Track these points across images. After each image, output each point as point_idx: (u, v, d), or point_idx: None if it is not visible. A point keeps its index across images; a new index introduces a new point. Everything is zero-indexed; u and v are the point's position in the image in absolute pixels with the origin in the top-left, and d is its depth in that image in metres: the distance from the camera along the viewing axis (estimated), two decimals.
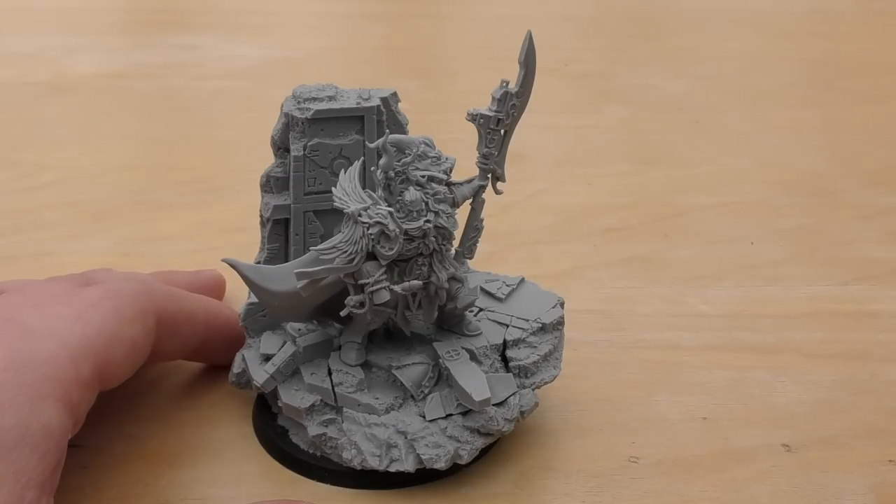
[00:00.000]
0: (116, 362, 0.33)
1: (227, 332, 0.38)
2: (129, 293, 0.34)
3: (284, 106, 0.36)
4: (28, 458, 0.28)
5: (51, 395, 0.29)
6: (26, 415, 0.28)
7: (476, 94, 0.38)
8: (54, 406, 0.29)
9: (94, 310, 0.33)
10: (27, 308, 0.32)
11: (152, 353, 0.35)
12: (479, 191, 0.35)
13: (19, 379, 0.29)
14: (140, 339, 0.34)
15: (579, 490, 0.34)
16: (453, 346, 0.35)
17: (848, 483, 0.35)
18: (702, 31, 0.90)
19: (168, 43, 0.81)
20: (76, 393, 0.30)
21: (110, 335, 0.32)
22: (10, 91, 0.71)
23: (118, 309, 0.33)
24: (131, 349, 0.33)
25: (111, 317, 0.33)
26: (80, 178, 0.57)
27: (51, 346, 0.31)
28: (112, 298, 0.34)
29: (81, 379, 0.31)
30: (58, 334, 0.31)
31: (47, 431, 0.29)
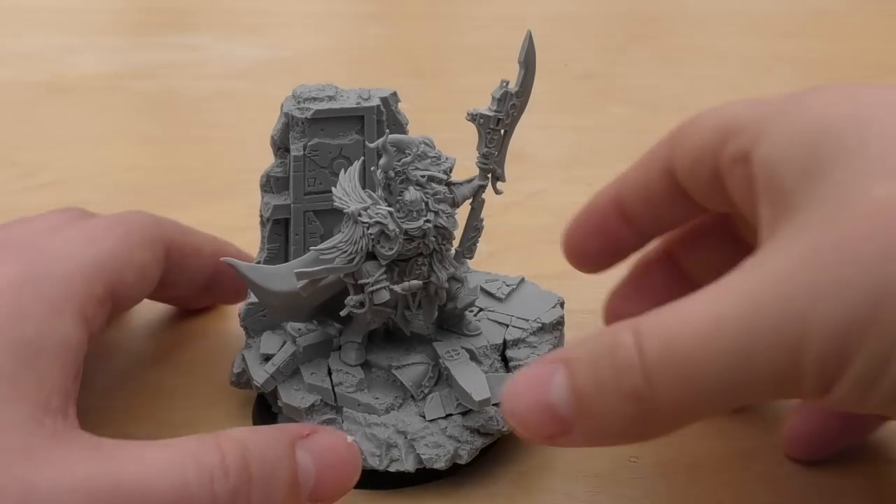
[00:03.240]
0: (127, 284, 0.34)
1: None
2: (137, 221, 0.36)
3: (284, 106, 0.36)
4: (50, 367, 0.29)
5: (67, 309, 0.30)
6: (46, 326, 0.29)
7: (476, 94, 0.38)
8: (71, 319, 0.30)
9: (105, 234, 0.34)
10: (40, 233, 0.33)
11: (163, 284, 0.36)
12: (479, 191, 0.35)
13: (38, 292, 0.30)
14: (149, 265, 0.35)
15: (579, 490, 0.34)
16: (453, 346, 0.35)
17: (848, 483, 0.35)
18: (702, 31, 0.90)
19: (168, 43, 0.81)
20: (91, 309, 0.31)
21: (121, 258, 0.33)
22: (10, 91, 0.71)
23: (128, 234, 0.34)
24: (141, 273, 0.34)
25: (121, 241, 0.34)
26: (80, 178, 0.57)
27: (65, 265, 0.32)
28: (122, 225, 0.35)
29: (95, 296, 0.32)
30: (71, 255, 0.32)
31: (66, 342, 0.30)
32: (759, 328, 0.24)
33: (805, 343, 0.24)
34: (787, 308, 0.24)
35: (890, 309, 0.23)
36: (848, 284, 0.24)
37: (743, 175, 0.29)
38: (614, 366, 0.26)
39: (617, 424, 0.26)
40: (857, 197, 0.25)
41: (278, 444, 0.29)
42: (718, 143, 0.31)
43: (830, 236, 0.24)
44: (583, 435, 0.27)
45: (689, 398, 0.25)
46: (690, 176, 0.33)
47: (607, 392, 0.26)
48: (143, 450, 0.28)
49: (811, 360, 0.24)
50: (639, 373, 0.25)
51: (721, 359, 0.25)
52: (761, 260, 0.26)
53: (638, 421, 0.26)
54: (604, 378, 0.26)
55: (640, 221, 0.36)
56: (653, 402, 0.26)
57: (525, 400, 0.27)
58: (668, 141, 0.34)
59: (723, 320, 0.25)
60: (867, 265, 0.24)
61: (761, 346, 0.24)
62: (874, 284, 0.23)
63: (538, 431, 0.27)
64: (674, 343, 0.25)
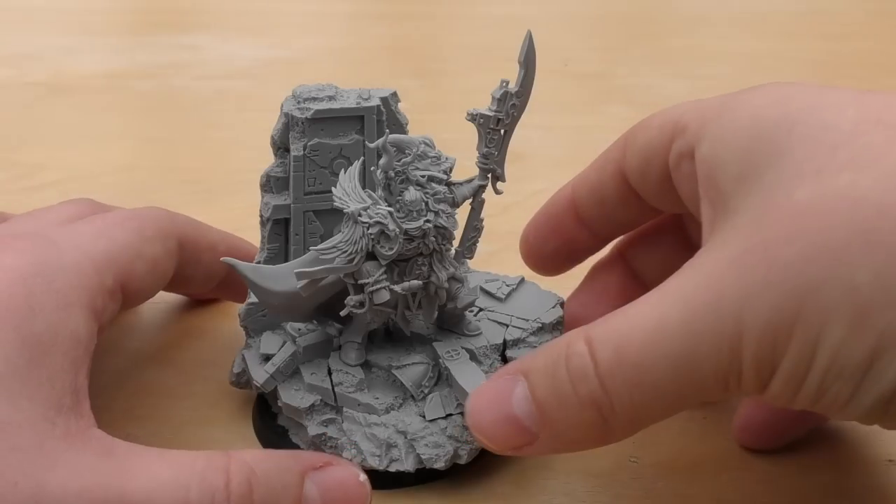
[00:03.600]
0: (138, 277, 0.34)
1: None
2: (151, 215, 0.36)
3: (284, 106, 0.36)
4: (62, 363, 0.29)
5: (78, 301, 0.30)
6: (56, 321, 0.29)
7: (476, 94, 0.38)
8: (81, 312, 0.30)
9: (117, 227, 0.34)
10: (52, 225, 0.34)
11: (177, 280, 0.37)
12: (479, 191, 0.35)
13: (48, 285, 0.30)
14: (162, 259, 0.35)
15: (579, 490, 0.34)
16: (453, 346, 0.35)
17: (848, 483, 0.35)
18: (702, 31, 0.90)
19: (168, 43, 0.81)
20: (101, 301, 0.31)
21: (132, 251, 0.33)
22: (10, 91, 0.71)
23: (140, 228, 0.34)
24: (153, 267, 0.34)
25: (133, 234, 0.34)
26: (80, 178, 0.57)
27: (76, 256, 0.31)
28: (134, 219, 0.35)
29: (105, 288, 0.32)
30: (82, 247, 0.32)
31: (76, 338, 0.30)
32: (699, 330, 0.25)
33: (742, 341, 0.25)
34: (722, 309, 0.25)
35: (812, 308, 0.24)
36: (773, 286, 0.25)
37: (689, 172, 0.30)
38: (570, 375, 0.27)
39: (580, 431, 0.27)
40: (782, 200, 0.26)
41: (288, 473, 0.30)
42: (666, 141, 0.31)
43: (758, 238, 0.25)
44: (548, 443, 0.28)
45: (643, 402, 0.26)
46: (641, 177, 0.33)
47: (567, 401, 0.27)
48: (153, 461, 0.28)
49: (748, 358, 0.25)
50: (594, 380, 0.27)
51: (667, 362, 0.26)
52: (698, 262, 0.27)
53: (599, 426, 0.27)
54: (562, 388, 0.27)
55: (594, 223, 0.36)
56: (610, 408, 0.27)
57: (489, 415, 0.28)
58: (621, 142, 0.35)
59: (666, 324, 0.26)
60: (790, 267, 0.24)
61: (703, 347, 0.25)
62: (796, 285, 0.24)
63: (504, 444, 0.29)
64: (624, 349, 0.26)
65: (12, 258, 0.30)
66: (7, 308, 0.29)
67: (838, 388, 0.25)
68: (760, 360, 0.25)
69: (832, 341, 0.24)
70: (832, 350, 0.24)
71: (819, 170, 0.25)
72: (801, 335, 0.24)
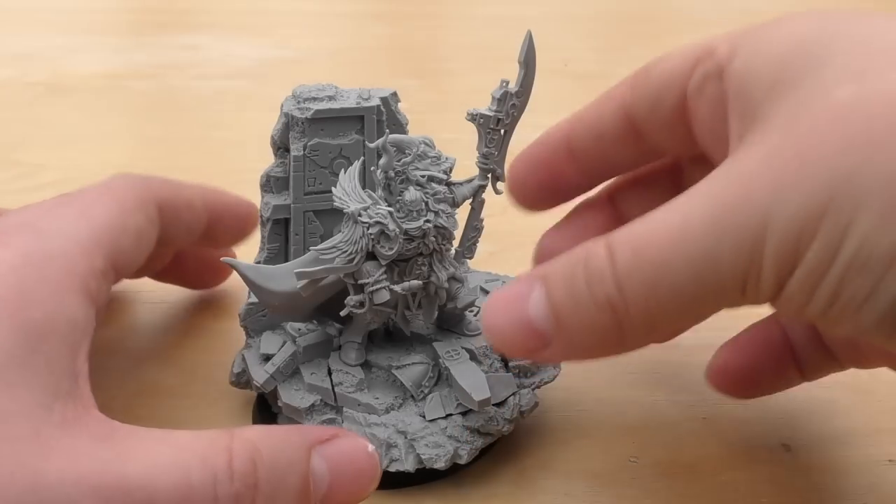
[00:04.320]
0: (125, 251, 0.34)
1: (230, 214, 0.39)
2: (127, 186, 0.35)
3: (284, 106, 0.36)
4: (59, 349, 0.29)
5: (71, 287, 0.30)
6: (51, 308, 0.29)
7: (476, 94, 0.38)
8: (76, 298, 0.30)
9: (97, 205, 0.34)
10: (36, 214, 0.33)
11: (162, 241, 0.36)
12: (479, 191, 0.35)
13: (40, 274, 0.30)
14: (145, 228, 0.35)
15: (579, 490, 0.34)
16: (453, 346, 0.35)
17: (848, 483, 0.35)
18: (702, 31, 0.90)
19: (168, 43, 0.81)
20: (94, 283, 0.31)
21: (116, 227, 0.33)
22: (10, 91, 0.71)
23: (119, 201, 0.34)
24: (137, 238, 0.34)
25: (114, 209, 0.34)
26: (80, 178, 0.57)
27: (62, 242, 0.31)
28: (111, 192, 0.35)
29: (96, 270, 0.32)
30: (67, 231, 0.32)
31: (73, 322, 0.30)
32: (724, 227, 0.25)
33: (766, 236, 0.25)
34: (750, 205, 0.25)
35: (843, 197, 0.24)
36: (806, 177, 0.24)
37: (713, 94, 0.30)
38: (588, 277, 0.27)
39: (594, 335, 0.27)
40: (819, 100, 0.25)
41: (293, 448, 0.29)
42: (689, 67, 0.31)
43: (792, 137, 0.25)
44: (562, 348, 0.28)
45: (658, 305, 0.26)
46: (650, 108, 0.33)
47: (582, 303, 0.27)
48: (153, 443, 0.28)
49: (770, 253, 0.25)
50: (611, 281, 0.26)
51: (688, 261, 0.25)
52: (727, 166, 0.26)
53: (613, 330, 0.27)
54: (578, 290, 0.27)
55: (587, 160, 0.35)
56: (626, 310, 0.26)
57: (504, 316, 0.28)
58: (628, 80, 0.34)
59: (690, 223, 0.25)
60: (825, 159, 0.24)
61: (725, 245, 0.25)
62: (830, 176, 0.24)
63: (518, 346, 0.28)
64: (643, 249, 0.26)
65: (0, 252, 0.30)
66: (1, 298, 0.29)
67: (858, 284, 0.24)
68: (782, 255, 0.25)
69: (861, 230, 0.24)
70: (859, 239, 0.24)
71: (863, 71, 0.25)
72: (829, 224, 0.24)
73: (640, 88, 0.33)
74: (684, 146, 0.32)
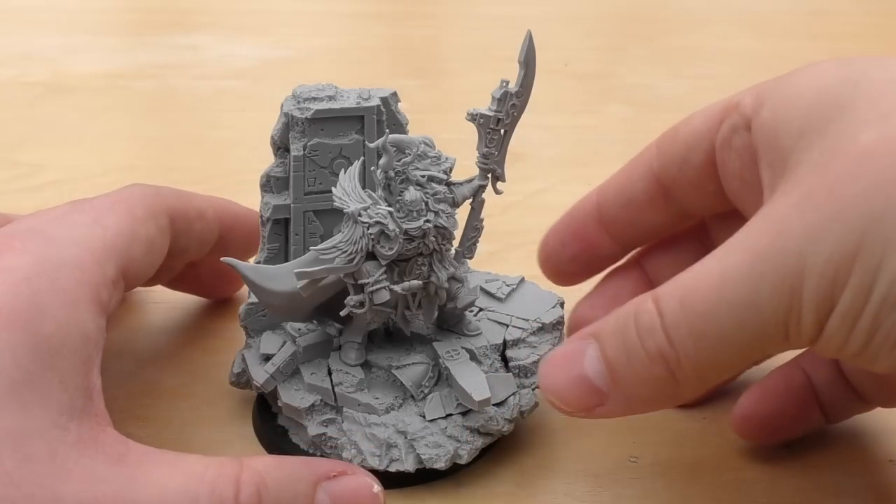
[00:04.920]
0: (136, 261, 0.33)
1: (241, 225, 0.39)
2: (138, 195, 0.35)
3: (284, 106, 0.36)
4: (72, 365, 0.29)
5: (84, 298, 0.30)
6: (64, 320, 0.29)
7: (476, 94, 0.38)
8: (88, 309, 0.30)
9: (109, 213, 0.34)
10: (47, 220, 0.33)
11: (173, 252, 0.36)
12: (479, 191, 0.35)
13: (52, 284, 0.29)
14: (156, 238, 0.35)
15: (579, 490, 0.34)
16: (453, 346, 0.35)
17: (848, 483, 0.35)
18: (702, 31, 0.90)
19: (168, 43, 0.81)
20: (105, 293, 0.31)
21: (127, 236, 0.33)
22: (10, 91, 0.71)
23: (130, 210, 0.34)
24: (148, 247, 0.34)
25: (125, 218, 0.34)
26: (80, 178, 0.57)
27: (74, 251, 0.31)
28: (123, 202, 0.35)
29: (108, 279, 0.32)
30: (79, 239, 0.32)
31: (85, 336, 0.29)
32: (762, 273, 0.26)
33: (803, 279, 0.25)
34: (786, 250, 0.25)
35: (874, 238, 0.25)
36: (837, 221, 0.25)
37: (741, 145, 0.31)
38: (638, 330, 0.27)
39: (649, 388, 0.28)
40: (846, 144, 0.26)
41: (300, 483, 0.30)
42: (715, 124, 0.32)
43: (822, 182, 0.26)
44: (619, 403, 0.28)
45: (708, 354, 0.27)
46: (680, 169, 0.33)
47: (635, 357, 0.27)
48: (164, 469, 0.28)
49: (808, 297, 0.25)
50: (661, 334, 0.27)
51: (730, 308, 0.26)
52: (762, 215, 0.27)
53: (668, 382, 0.27)
54: (630, 344, 0.27)
55: (617, 227, 0.36)
56: (677, 362, 0.27)
57: (561, 375, 0.29)
58: (653, 145, 0.35)
59: (729, 272, 0.26)
60: (853, 202, 0.25)
61: (765, 291, 0.26)
62: (860, 218, 0.25)
63: (576, 404, 0.29)
64: (688, 299, 0.27)
65: (12, 258, 0.30)
66: (14, 310, 0.28)
67: (893, 320, 0.25)
68: (820, 297, 0.25)
69: (893, 267, 0.24)
70: (891, 277, 0.24)
71: (885, 114, 0.26)
72: (862, 264, 0.25)
73: (667, 149, 0.34)
74: (714, 203, 0.33)
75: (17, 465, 0.26)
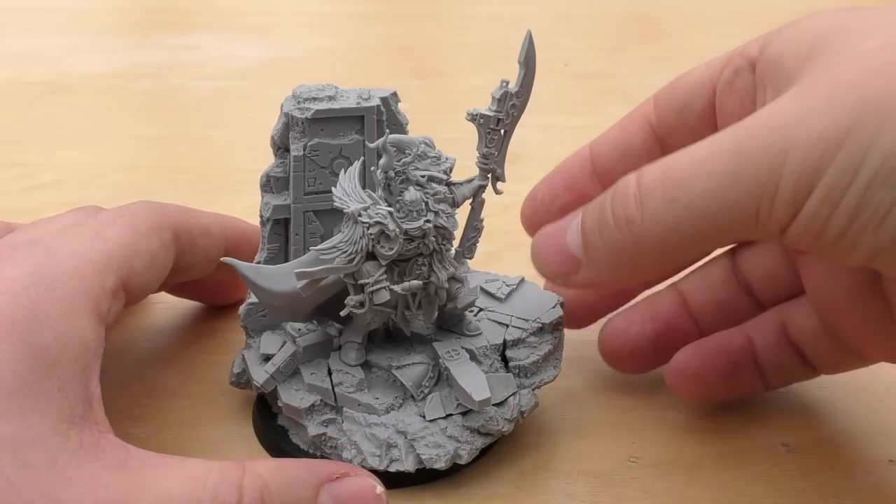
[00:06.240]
0: (138, 273, 0.33)
1: (246, 243, 0.39)
2: (142, 210, 0.35)
3: (284, 106, 0.36)
4: (71, 373, 0.29)
5: (82, 308, 0.30)
6: (63, 329, 0.29)
7: (476, 94, 0.38)
8: (87, 318, 0.30)
9: (111, 227, 0.34)
10: (48, 232, 0.33)
11: (177, 268, 0.36)
12: (479, 191, 0.35)
13: (51, 294, 0.30)
14: (159, 252, 0.35)
15: (579, 490, 0.34)
16: (453, 346, 0.35)
17: (848, 483, 0.35)
18: (702, 31, 0.90)
19: (168, 43, 0.81)
20: (105, 304, 0.31)
21: (129, 248, 0.33)
22: (10, 91, 0.71)
23: (133, 224, 0.34)
24: (151, 261, 0.34)
25: (128, 232, 0.34)
26: (80, 178, 0.57)
27: (75, 261, 0.31)
28: (126, 216, 0.35)
29: (107, 290, 0.32)
30: (80, 251, 0.32)
31: (84, 344, 0.30)
32: (748, 147, 0.26)
33: (787, 156, 0.25)
34: (775, 127, 0.26)
35: (868, 117, 0.25)
36: (832, 102, 0.25)
37: (743, 87, 0.31)
38: (613, 200, 0.28)
39: (614, 255, 0.29)
40: (851, 50, 0.26)
41: (303, 485, 0.30)
42: (718, 70, 0.33)
43: (824, 74, 0.26)
44: (590, 271, 0.30)
45: (674, 219, 0.27)
46: (679, 117, 0.34)
47: (605, 224, 0.29)
48: (166, 474, 0.28)
49: (790, 172, 0.25)
50: (632, 201, 0.28)
51: (708, 177, 0.26)
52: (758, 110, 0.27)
53: (629, 249, 0.28)
54: (604, 212, 0.29)
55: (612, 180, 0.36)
56: (641, 224, 0.28)
57: (546, 243, 0.31)
58: (650, 100, 0.36)
59: (716, 146, 0.27)
60: (853, 87, 0.25)
61: (747, 162, 0.26)
62: (857, 100, 0.25)
63: (556, 270, 0.31)
64: (670, 169, 0.27)
65: (11, 268, 0.30)
66: (13, 320, 0.28)
67: (881, 197, 0.25)
68: (802, 174, 0.25)
69: (886, 145, 0.24)
70: (884, 153, 0.24)
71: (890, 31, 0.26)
72: (852, 141, 0.25)
73: (666, 100, 0.35)
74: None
75: (18, 473, 0.26)
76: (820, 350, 0.36)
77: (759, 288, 0.37)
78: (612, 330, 0.39)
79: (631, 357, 0.38)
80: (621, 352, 0.38)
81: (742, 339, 0.37)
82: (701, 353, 0.36)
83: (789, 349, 0.36)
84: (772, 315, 0.37)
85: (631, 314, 0.39)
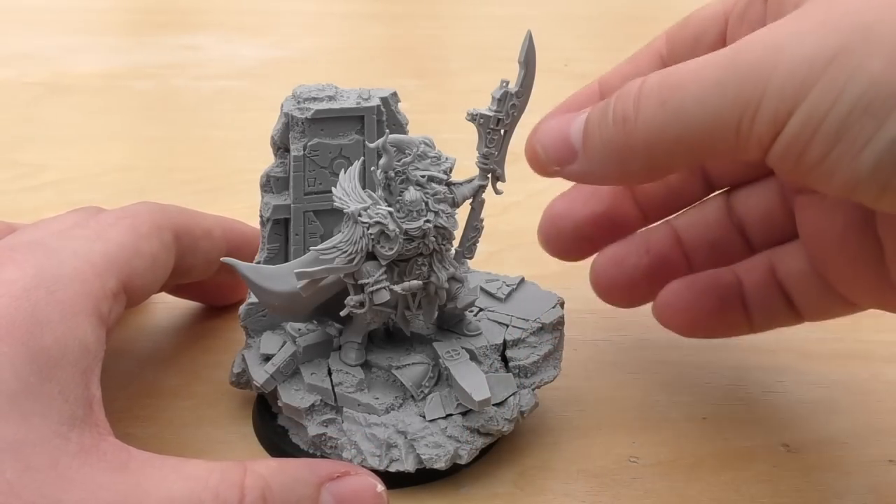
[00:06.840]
0: (138, 275, 0.33)
1: (247, 246, 0.39)
2: (143, 212, 0.35)
3: (284, 106, 0.36)
4: (72, 375, 0.29)
5: (83, 310, 0.30)
6: (63, 332, 0.29)
7: (476, 94, 0.38)
8: (87, 320, 0.30)
9: (112, 228, 0.34)
10: (49, 233, 0.33)
11: (178, 270, 0.36)
12: (479, 191, 0.35)
13: (51, 296, 0.30)
14: (160, 254, 0.35)
15: (579, 490, 0.34)
16: (453, 346, 0.35)
17: (848, 483, 0.35)
18: None
19: (168, 43, 0.81)
20: (105, 305, 0.31)
21: (129, 250, 0.33)
22: (10, 91, 0.71)
23: (134, 226, 0.34)
24: (152, 263, 0.34)
25: (128, 233, 0.34)
26: (80, 178, 0.57)
27: (75, 263, 0.31)
28: (127, 217, 0.35)
29: (108, 292, 0.32)
30: (80, 252, 0.32)
31: (85, 347, 0.30)
32: (739, 62, 0.27)
33: (773, 73, 0.26)
34: (768, 45, 0.26)
35: (857, 42, 0.25)
36: (825, 25, 0.26)
37: (755, 17, 0.32)
38: (617, 98, 0.29)
39: (604, 150, 0.30)
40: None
41: (304, 484, 0.30)
42: (732, 2, 0.33)
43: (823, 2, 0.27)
44: (583, 163, 0.31)
45: (663, 120, 0.28)
46: (691, 49, 0.35)
47: (604, 120, 0.30)
48: (167, 475, 0.28)
49: (773, 89, 0.26)
50: (631, 100, 0.29)
51: (698, 86, 0.27)
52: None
53: (620, 146, 0.29)
54: (605, 110, 0.30)
55: None
56: (634, 123, 0.28)
57: (550, 129, 0.32)
58: (662, 35, 0.37)
59: (712, 58, 0.27)
60: (847, 13, 0.25)
61: (736, 74, 0.26)
62: (848, 26, 0.25)
63: (552, 156, 0.31)
64: (670, 75, 0.28)
65: (12, 271, 0.30)
66: (13, 323, 0.28)
67: (862, 125, 0.25)
68: (785, 92, 0.26)
69: (870, 73, 0.24)
70: (867, 81, 0.25)
71: None
72: (837, 65, 0.25)
73: (678, 34, 0.35)
74: None
75: (19, 475, 0.26)
76: (807, 294, 0.36)
77: (752, 230, 0.37)
78: (608, 259, 0.39)
79: (625, 288, 0.38)
80: (615, 282, 0.38)
81: (731, 277, 0.37)
82: (690, 287, 0.37)
83: (776, 292, 0.36)
84: (762, 257, 0.37)
85: (626, 245, 0.39)
